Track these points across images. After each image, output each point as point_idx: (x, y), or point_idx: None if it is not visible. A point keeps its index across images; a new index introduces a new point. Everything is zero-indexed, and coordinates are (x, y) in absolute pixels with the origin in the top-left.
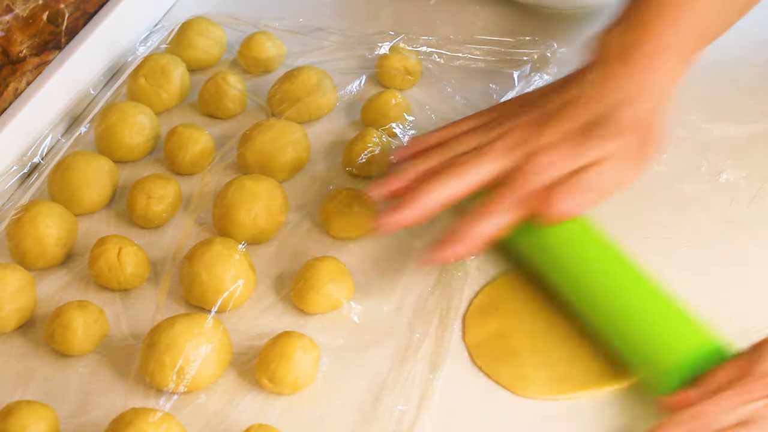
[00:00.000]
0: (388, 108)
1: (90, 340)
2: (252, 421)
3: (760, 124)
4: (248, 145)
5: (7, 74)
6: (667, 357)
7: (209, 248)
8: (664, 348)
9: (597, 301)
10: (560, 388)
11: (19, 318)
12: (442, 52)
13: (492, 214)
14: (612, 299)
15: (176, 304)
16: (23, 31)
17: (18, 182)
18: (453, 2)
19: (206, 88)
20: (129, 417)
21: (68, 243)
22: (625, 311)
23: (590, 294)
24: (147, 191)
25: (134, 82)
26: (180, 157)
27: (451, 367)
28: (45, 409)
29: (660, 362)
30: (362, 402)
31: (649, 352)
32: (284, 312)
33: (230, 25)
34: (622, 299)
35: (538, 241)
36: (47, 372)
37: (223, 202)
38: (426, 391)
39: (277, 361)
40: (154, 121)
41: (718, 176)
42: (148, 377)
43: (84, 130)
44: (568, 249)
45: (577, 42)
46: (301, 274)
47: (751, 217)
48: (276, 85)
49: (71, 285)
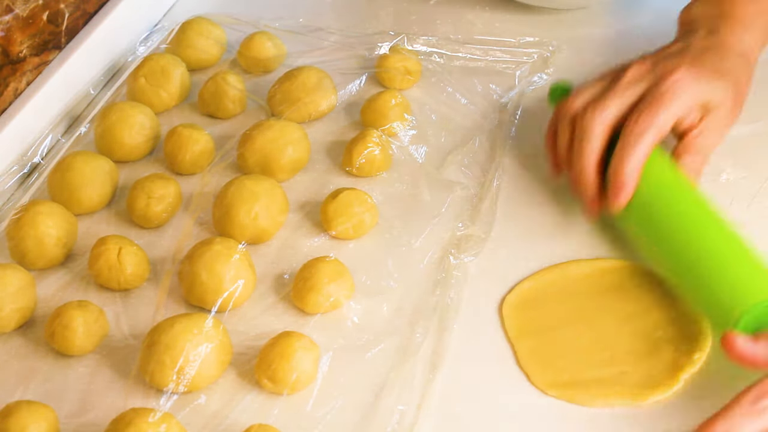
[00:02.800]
0: (388, 108)
1: (90, 340)
2: (252, 421)
3: (760, 124)
4: (248, 145)
5: (7, 74)
6: (742, 298)
7: (209, 248)
8: (740, 288)
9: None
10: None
11: (19, 318)
12: (442, 52)
13: (640, 139)
14: (698, 239)
15: (176, 304)
16: (23, 31)
17: (18, 182)
18: (453, 2)
19: (206, 88)
20: (129, 417)
21: (68, 243)
22: (708, 251)
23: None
24: (147, 191)
25: (134, 82)
26: (180, 157)
27: (451, 367)
28: (45, 409)
29: (734, 302)
30: (362, 402)
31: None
32: (284, 312)
33: (230, 25)
34: (707, 240)
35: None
36: (47, 372)
37: (223, 202)
38: (426, 391)
39: (277, 361)
40: (154, 121)
41: (718, 176)
42: (148, 377)
43: (84, 130)
44: (657, 191)
45: (577, 42)
46: (301, 274)
47: (751, 217)
48: (276, 85)
49: (71, 285)
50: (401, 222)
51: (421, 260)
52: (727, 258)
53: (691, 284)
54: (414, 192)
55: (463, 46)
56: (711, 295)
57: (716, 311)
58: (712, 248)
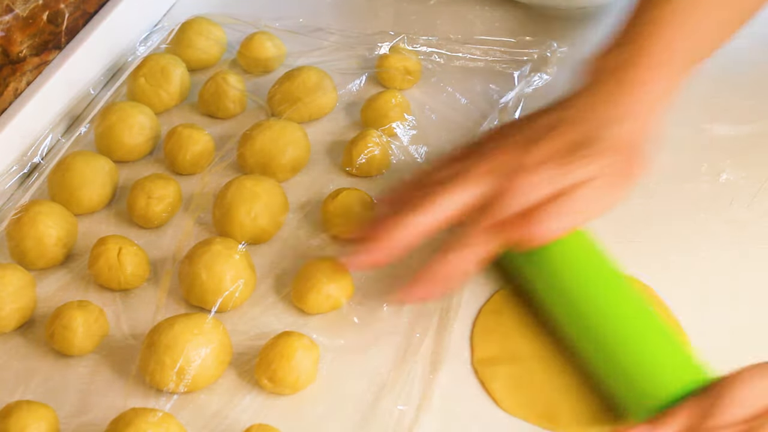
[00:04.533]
0: (388, 108)
1: (90, 340)
2: (252, 421)
3: (760, 124)
4: (248, 145)
5: (7, 74)
6: (655, 388)
7: (209, 248)
8: (653, 379)
9: (588, 323)
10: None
11: (19, 318)
12: (442, 52)
13: (466, 248)
14: (603, 323)
15: (176, 304)
16: (23, 31)
17: (18, 182)
18: (453, 2)
19: (206, 88)
20: (129, 417)
21: (68, 243)
22: (617, 337)
23: (581, 314)
24: (147, 191)
25: (134, 82)
26: (180, 157)
27: (451, 367)
28: (45, 409)
29: (647, 393)
30: (362, 402)
31: (637, 381)
32: (284, 312)
33: (230, 25)
34: (613, 324)
35: (530, 257)
36: (47, 372)
37: (223, 202)
38: (426, 391)
39: (278, 361)
40: (154, 121)
41: (718, 176)
42: (148, 377)
43: (84, 130)
44: (560, 264)
45: (577, 42)
46: (301, 274)
47: (751, 217)
48: (276, 85)
49: (71, 285)
50: None
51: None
52: (645, 345)
53: (603, 367)
54: None
55: (463, 46)
56: (626, 381)
57: (631, 397)
58: (628, 333)
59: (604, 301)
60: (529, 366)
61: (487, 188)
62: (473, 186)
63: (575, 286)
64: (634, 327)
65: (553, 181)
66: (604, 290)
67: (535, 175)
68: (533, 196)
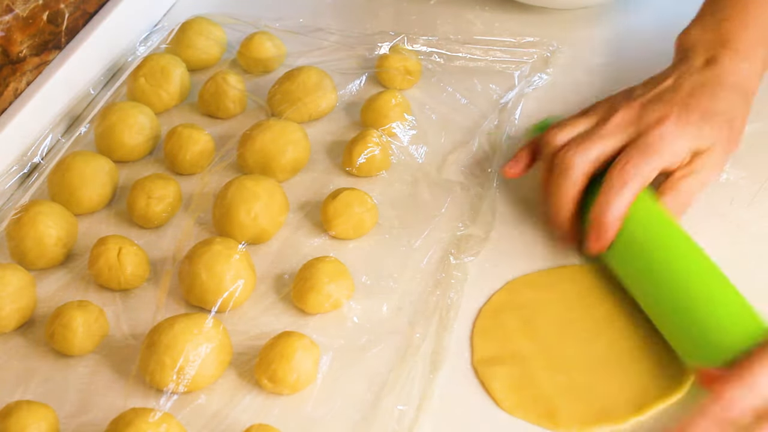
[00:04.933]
0: (388, 108)
1: (90, 340)
2: (252, 421)
3: (760, 124)
4: (248, 145)
5: (7, 74)
6: (724, 338)
7: (209, 248)
8: (721, 329)
9: (664, 276)
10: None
11: (19, 318)
12: (442, 52)
13: (626, 186)
14: (684, 276)
15: (176, 304)
16: (23, 31)
17: (18, 182)
18: (453, 2)
19: (206, 88)
20: (129, 417)
21: (68, 243)
22: (694, 286)
23: (659, 266)
24: (147, 191)
25: (134, 82)
26: (180, 157)
27: (451, 367)
28: (45, 409)
29: (715, 343)
30: (362, 402)
31: (707, 332)
32: (284, 312)
33: (230, 25)
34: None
35: None
36: (47, 372)
37: (223, 202)
38: (426, 391)
39: (278, 361)
40: (154, 121)
41: (718, 176)
42: (148, 377)
43: (84, 130)
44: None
45: (577, 42)
46: (301, 274)
47: (751, 217)
48: (276, 85)
49: (71, 285)
50: (401, 222)
51: (421, 260)
52: (714, 298)
53: (674, 324)
54: (414, 192)
55: (463, 46)
56: (698, 335)
57: (703, 350)
58: (698, 288)
59: (681, 254)
60: (529, 366)
61: (625, 138)
62: (612, 136)
63: (653, 239)
64: (709, 279)
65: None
66: (680, 244)
67: (665, 129)
68: (667, 150)
